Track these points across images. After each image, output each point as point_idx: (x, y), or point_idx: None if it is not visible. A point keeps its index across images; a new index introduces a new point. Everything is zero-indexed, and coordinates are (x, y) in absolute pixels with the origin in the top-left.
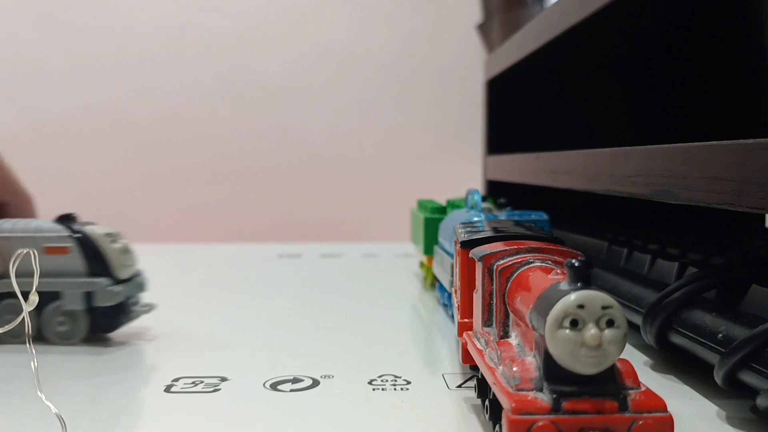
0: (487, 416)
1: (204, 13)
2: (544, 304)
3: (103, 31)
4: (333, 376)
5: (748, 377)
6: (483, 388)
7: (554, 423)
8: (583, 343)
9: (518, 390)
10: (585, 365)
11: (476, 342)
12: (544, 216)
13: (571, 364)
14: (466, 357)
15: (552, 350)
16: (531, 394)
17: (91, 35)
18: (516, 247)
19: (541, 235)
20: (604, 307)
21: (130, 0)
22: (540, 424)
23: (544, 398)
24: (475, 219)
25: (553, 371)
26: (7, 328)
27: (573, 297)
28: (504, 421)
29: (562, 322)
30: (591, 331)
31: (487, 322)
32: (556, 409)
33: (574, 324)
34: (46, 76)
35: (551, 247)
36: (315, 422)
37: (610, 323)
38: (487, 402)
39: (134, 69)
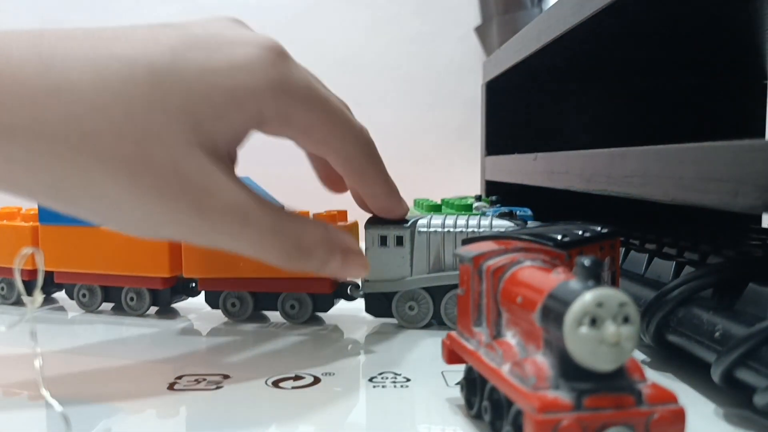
0: (486, 417)
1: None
2: (558, 304)
3: None
4: (334, 374)
5: (745, 375)
6: (472, 388)
7: (579, 421)
8: (602, 340)
9: (536, 389)
10: (605, 362)
11: (465, 342)
12: (529, 212)
13: (591, 362)
14: (451, 357)
15: (571, 348)
16: (550, 393)
17: None
18: (504, 246)
19: (603, 233)
20: (620, 305)
21: (132, 5)
22: (565, 423)
23: (565, 396)
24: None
25: (569, 369)
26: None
27: (592, 296)
28: (527, 422)
29: (582, 321)
30: (610, 329)
31: (476, 322)
32: (578, 406)
33: (593, 322)
34: None
35: (537, 247)
36: (316, 419)
37: (625, 320)
38: (485, 403)
39: None
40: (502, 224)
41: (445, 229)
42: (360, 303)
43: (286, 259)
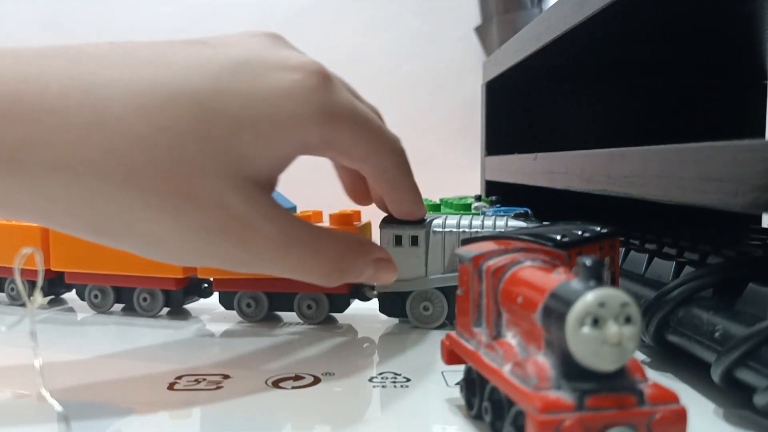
0: (487, 418)
1: (206, 17)
2: (560, 304)
3: (107, 36)
4: (334, 374)
5: (745, 375)
6: (471, 388)
7: (581, 421)
8: (604, 340)
9: (538, 390)
10: (607, 362)
11: (464, 342)
12: (528, 212)
13: (594, 362)
14: (450, 358)
15: (574, 349)
16: (552, 393)
17: (96, 39)
18: (504, 246)
19: (603, 233)
20: (622, 305)
21: (132, 4)
22: (568, 423)
23: (567, 396)
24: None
25: (571, 369)
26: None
27: (594, 296)
28: (530, 422)
29: (584, 321)
30: (612, 329)
31: (476, 322)
32: (580, 406)
33: (595, 322)
34: None
35: (537, 247)
36: (316, 419)
37: (627, 320)
38: (486, 403)
39: None
40: (518, 225)
41: (461, 229)
42: (374, 303)
43: (327, 278)
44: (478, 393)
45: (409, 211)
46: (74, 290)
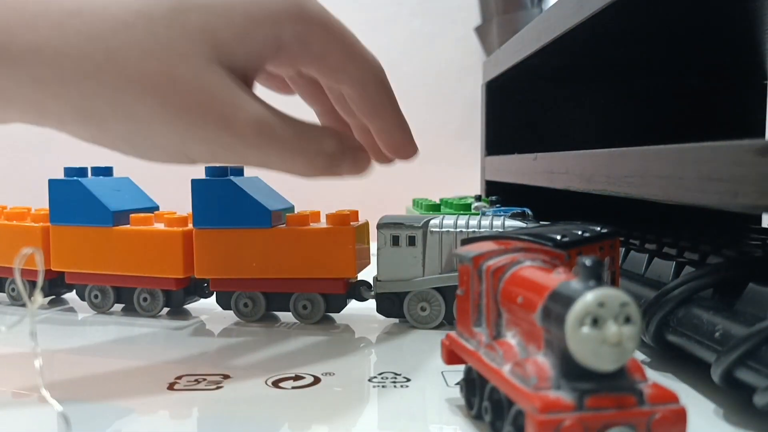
0: (487, 418)
1: None
2: (559, 304)
3: None
4: (334, 374)
5: (745, 375)
6: (471, 388)
7: (581, 421)
8: (604, 340)
9: (537, 389)
10: (606, 362)
11: (464, 342)
12: (528, 212)
13: (593, 362)
14: (450, 358)
15: (573, 348)
16: (552, 393)
17: None
18: (504, 246)
19: (603, 233)
20: (622, 305)
21: None
22: (567, 423)
23: (567, 396)
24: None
25: (571, 369)
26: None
27: (593, 296)
28: (529, 422)
29: (583, 321)
30: (612, 329)
31: (476, 322)
32: (579, 406)
33: (594, 322)
34: None
35: (537, 247)
36: (316, 419)
37: (627, 320)
38: (485, 403)
39: None
40: (516, 224)
41: (458, 229)
42: (372, 303)
43: (312, 166)
44: (478, 393)
45: (397, 141)
46: (74, 290)
